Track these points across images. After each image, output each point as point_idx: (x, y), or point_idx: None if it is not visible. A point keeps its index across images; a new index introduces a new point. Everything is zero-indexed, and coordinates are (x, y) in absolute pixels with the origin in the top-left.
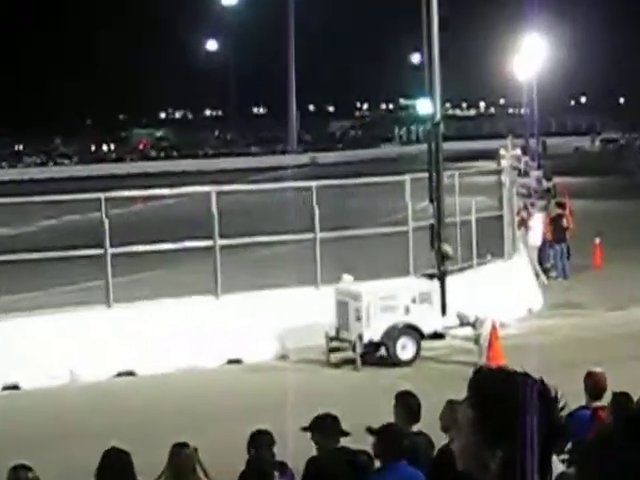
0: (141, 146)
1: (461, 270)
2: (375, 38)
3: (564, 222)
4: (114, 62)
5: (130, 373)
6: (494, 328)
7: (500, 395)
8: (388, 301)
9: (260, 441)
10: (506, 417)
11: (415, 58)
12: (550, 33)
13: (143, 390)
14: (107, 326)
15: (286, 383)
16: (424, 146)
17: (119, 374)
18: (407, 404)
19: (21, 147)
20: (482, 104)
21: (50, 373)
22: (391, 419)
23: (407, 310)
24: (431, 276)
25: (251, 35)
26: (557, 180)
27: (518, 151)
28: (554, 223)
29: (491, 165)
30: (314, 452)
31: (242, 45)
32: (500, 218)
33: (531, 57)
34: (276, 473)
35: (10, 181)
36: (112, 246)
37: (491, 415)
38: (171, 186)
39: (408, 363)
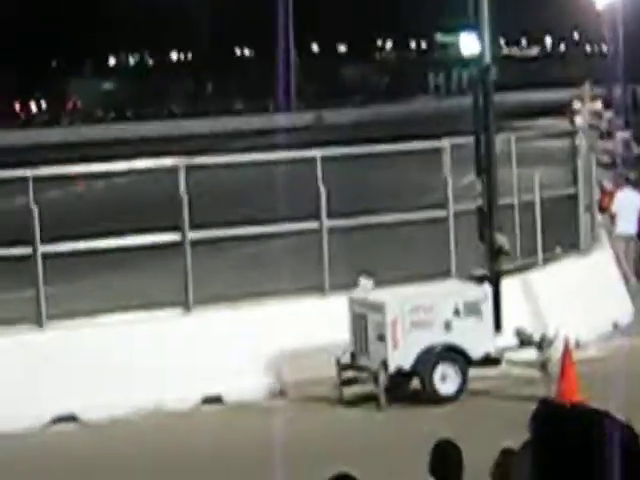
0: (70, 105)
1: (522, 270)
2: None
3: None
4: None
5: (70, 418)
6: (567, 350)
7: (571, 441)
8: (422, 314)
9: None
10: (578, 470)
11: None
12: None
13: (86, 443)
14: (38, 352)
15: (284, 430)
16: (469, 99)
17: (54, 420)
18: (447, 457)
19: None
20: (549, 40)
21: None
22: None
23: (448, 326)
24: (481, 279)
25: None
26: None
27: (599, 104)
28: None
29: (562, 124)
30: None
31: None
32: (574, 198)
33: None
34: None
35: None
36: (44, 242)
37: (558, 468)
38: (125, 158)
39: (450, 399)
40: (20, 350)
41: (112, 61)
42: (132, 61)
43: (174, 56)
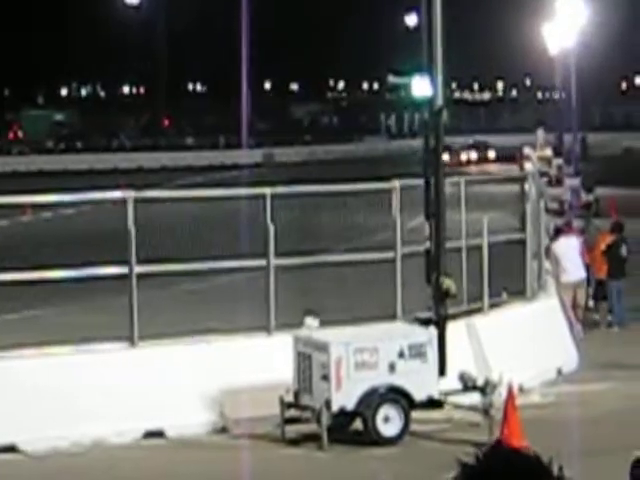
0: (11, 134)
1: (467, 314)
2: None
3: (623, 251)
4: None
5: (10, 449)
6: (511, 395)
7: None
8: (366, 355)
9: None
10: None
11: (410, 20)
12: None
13: (27, 474)
14: None
15: (226, 467)
16: (419, 142)
17: None
18: None
19: None
20: (500, 85)
21: None
22: None
23: (392, 368)
24: (426, 322)
25: None
26: (601, 192)
27: (548, 151)
28: (610, 252)
29: (511, 169)
30: None
31: None
32: (522, 243)
33: (568, 23)
34: None
35: None
36: None
37: None
38: (73, 190)
39: (393, 441)
40: None
41: (63, 91)
42: (84, 92)
43: (126, 89)
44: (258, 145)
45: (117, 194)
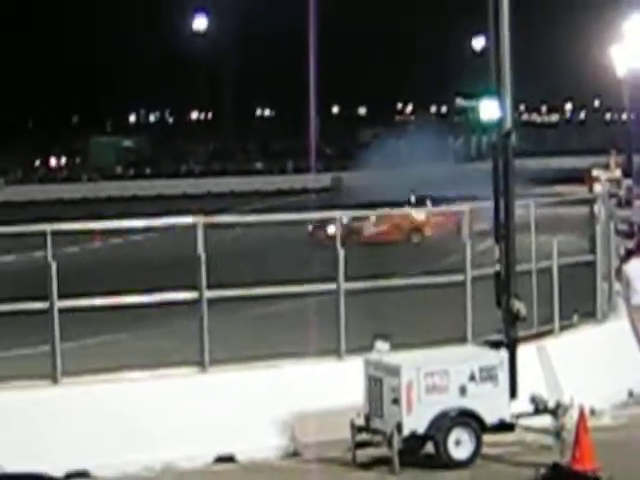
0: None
1: (538, 336)
2: (423, 16)
3: None
4: (65, 48)
5: (81, 474)
6: (582, 417)
7: None
8: (437, 378)
9: None
10: None
11: (478, 43)
12: None
13: None
14: (52, 409)
15: None
16: (488, 164)
17: (67, 476)
18: None
19: None
20: (569, 107)
21: None
22: None
23: (463, 391)
24: (496, 344)
25: (253, 8)
26: None
27: (618, 172)
28: None
29: (580, 191)
30: None
31: (241, 23)
32: (592, 265)
33: (636, 44)
34: None
35: None
36: (61, 298)
37: None
38: (142, 216)
39: (464, 464)
40: (34, 406)
41: (132, 118)
42: (153, 118)
43: (194, 115)
44: (326, 169)
45: (187, 219)
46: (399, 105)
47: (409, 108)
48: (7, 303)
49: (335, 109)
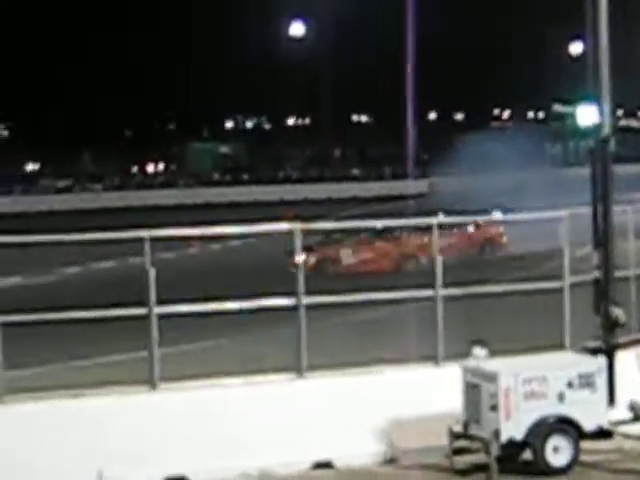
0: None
1: (636, 343)
2: (519, 21)
3: None
4: (161, 54)
5: (180, 479)
6: None
7: None
8: (535, 385)
9: None
10: None
11: (575, 48)
12: None
13: None
14: (150, 414)
15: None
16: (586, 170)
17: None
18: None
19: (36, 166)
20: None
21: None
22: None
23: (561, 398)
24: (595, 351)
25: (350, 14)
26: None
27: None
28: None
29: None
30: None
31: (338, 29)
32: None
33: None
34: None
35: (21, 214)
36: (160, 304)
37: None
38: (239, 222)
39: (562, 471)
40: (133, 412)
41: (229, 124)
42: (249, 125)
43: (291, 121)
44: (423, 175)
45: (284, 226)
46: (496, 111)
47: (506, 114)
48: (106, 309)
49: (432, 115)
